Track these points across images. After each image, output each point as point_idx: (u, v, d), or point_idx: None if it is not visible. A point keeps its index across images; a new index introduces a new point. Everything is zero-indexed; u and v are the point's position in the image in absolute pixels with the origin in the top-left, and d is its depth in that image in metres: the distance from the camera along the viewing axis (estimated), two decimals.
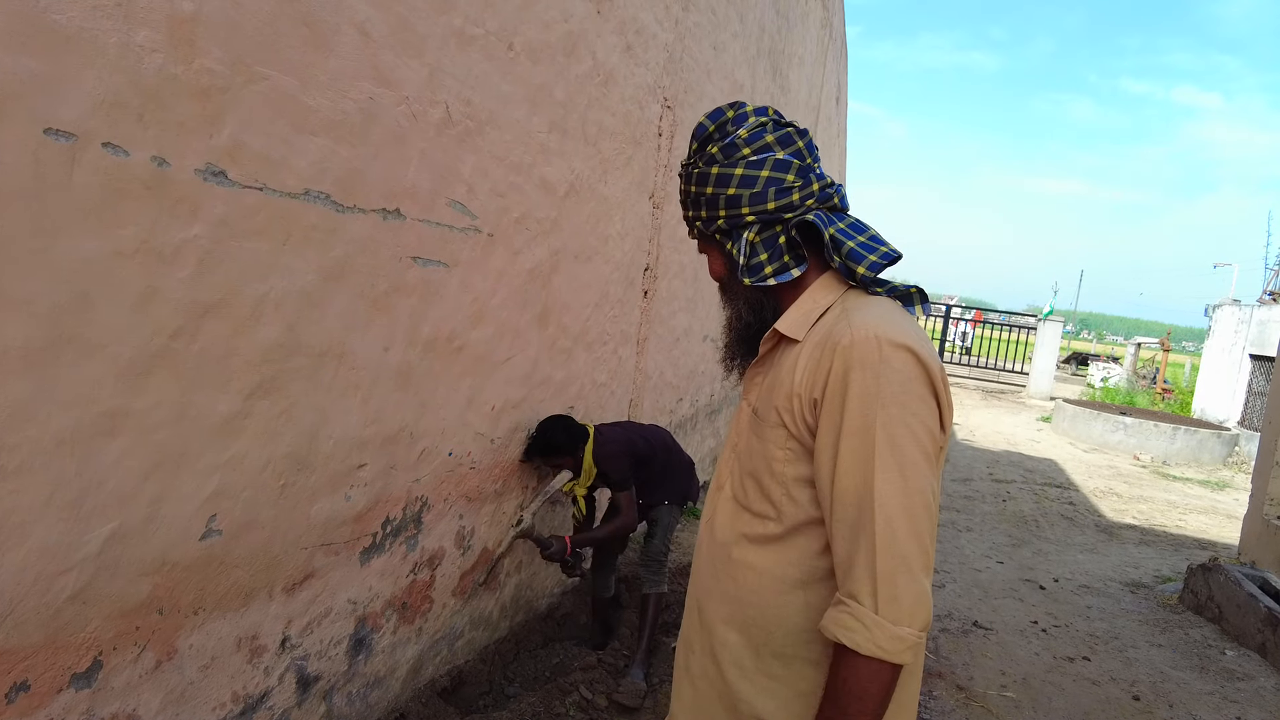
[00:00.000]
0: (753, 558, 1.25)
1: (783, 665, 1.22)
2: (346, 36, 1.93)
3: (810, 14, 7.93)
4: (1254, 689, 3.99)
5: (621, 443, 3.26)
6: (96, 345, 1.46)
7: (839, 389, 1.12)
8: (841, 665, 1.08)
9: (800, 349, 1.22)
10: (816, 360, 1.16)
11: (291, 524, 2.03)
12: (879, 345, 1.11)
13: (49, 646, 1.46)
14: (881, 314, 1.17)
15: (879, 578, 1.06)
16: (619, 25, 3.43)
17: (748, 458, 1.29)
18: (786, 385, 1.20)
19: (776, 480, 1.22)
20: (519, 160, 2.79)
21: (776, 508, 1.22)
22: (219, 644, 1.88)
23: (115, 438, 1.52)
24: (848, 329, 1.14)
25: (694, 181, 1.30)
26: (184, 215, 1.58)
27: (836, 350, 1.13)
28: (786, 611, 1.21)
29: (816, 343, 1.19)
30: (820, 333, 1.21)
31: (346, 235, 2.04)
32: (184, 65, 1.52)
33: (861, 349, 1.11)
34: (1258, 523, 5.29)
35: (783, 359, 1.26)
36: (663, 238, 4.43)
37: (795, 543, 1.21)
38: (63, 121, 1.33)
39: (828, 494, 1.13)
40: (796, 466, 1.20)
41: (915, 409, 1.10)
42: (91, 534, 1.51)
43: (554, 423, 3.18)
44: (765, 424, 1.24)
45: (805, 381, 1.17)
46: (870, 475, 1.08)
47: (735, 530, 1.28)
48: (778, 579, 1.22)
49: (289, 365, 1.92)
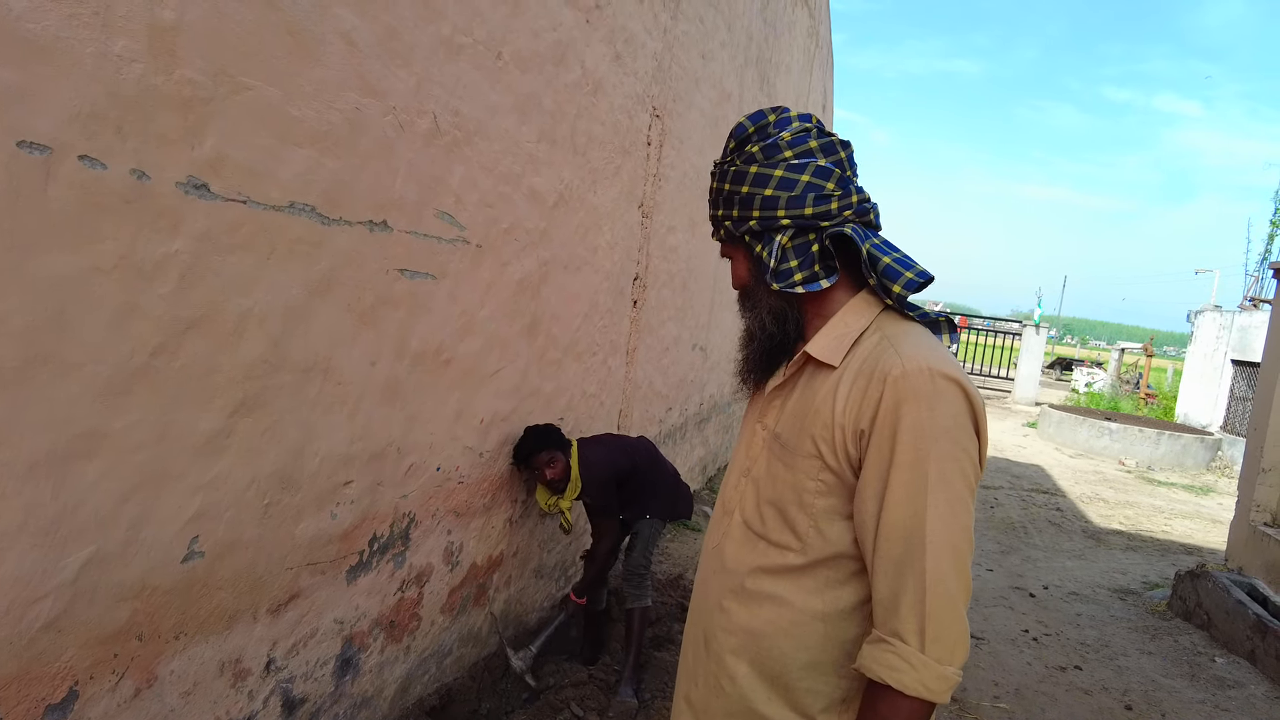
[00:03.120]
0: (770, 588, 1.20)
1: (795, 698, 1.19)
2: (332, 46, 1.89)
3: (797, 22, 7.94)
4: (1245, 697, 4.00)
5: (604, 465, 3.21)
6: (73, 364, 1.41)
7: (889, 421, 1.08)
8: (880, 702, 1.06)
9: (838, 376, 1.17)
10: (863, 390, 1.12)
11: (276, 544, 1.98)
12: (931, 378, 1.08)
13: (21, 678, 1.41)
14: (928, 345, 1.15)
15: (927, 616, 1.03)
16: (608, 34, 3.40)
17: (769, 485, 1.23)
18: (825, 414, 1.15)
19: (805, 511, 1.17)
20: (508, 170, 2.75)
21: (801, 539, 1.18)
22: (201, 669, 1.82)
23: (93, 459, 1.47)
24: (897, 359, 1.11)
25: (729, 179, 1.25)
26: (165, 229, 1.53)
27: (887, 381, 1.10)
28: (806, 643, 1.17)
29: (860, 371, 1.15)
30: (861, 360, 1.16)
31: (332, 248, 1.99)
32: (164, 75, 1.48)
33: (914, 381, 1.08)
34: (1244, 529, 5.31)
35: (814, 384, 1.21)
36: (652, 247, 4.40)
37: (817, 574, 1.17)
38: (37, 134, 1.28)
39: (871, 528, 1.09)
40: (828, 499, 1.16)
41: (964, 444, 1.08)
42: (67, 559, 1.45)
43: (538, 426, 3.15)
44: (795, 453, 1.19)
45: (850, 412, 1.13)
46: (921, 510, 1.05)
47: (749, 560, 1.23)
48: (798, 610, 1.17)
49: (273, 381, 1.88)
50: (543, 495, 3.24)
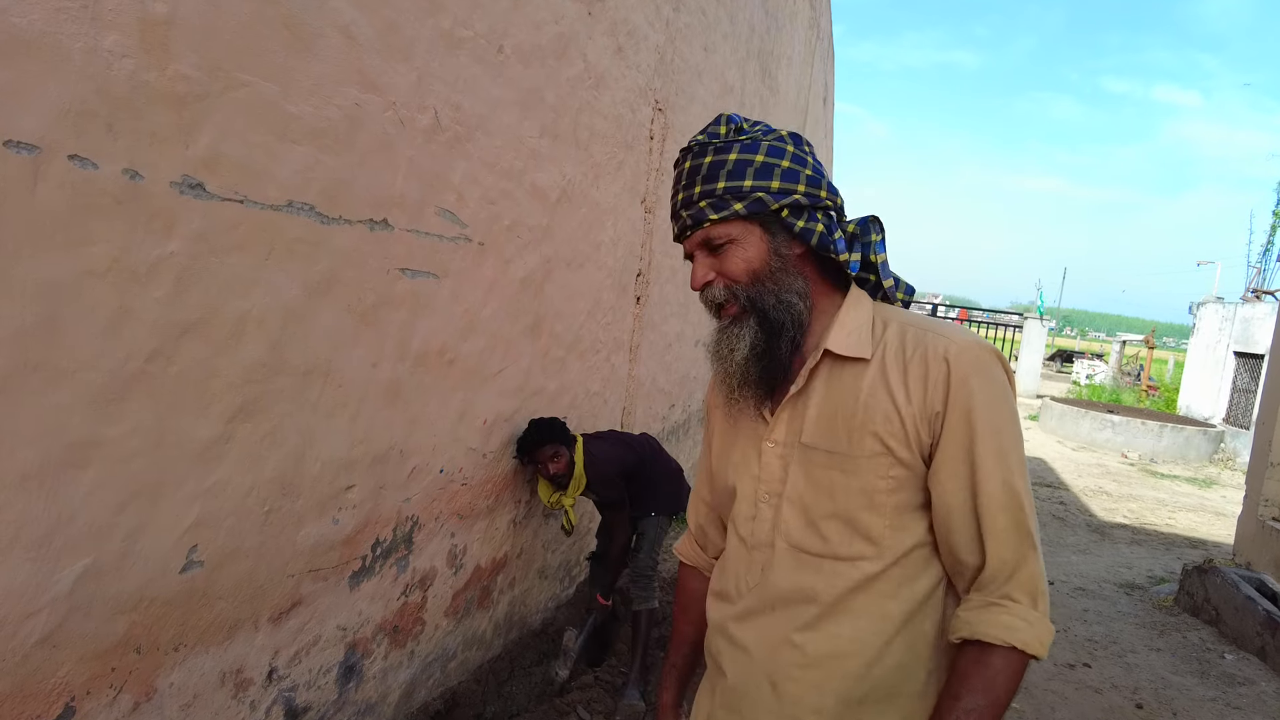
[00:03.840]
0: (846, 604, 1.14)
1: (881, 708, 1.15)
2: (331, 40, 1.84)
3: (798, 14, 7.87)
4: (1256, 694, 3.96)
5: (612, 461, 3.19)
6: (65, 371, 1.36)
7: (962, 396, 1.09)
8: (991, 664, 1.06)
9: (876, 368, 1.15)
10: (923, 375, 1.12)
11: (277, 551, 1.94)
12: (981, 350, 1.12)
13: (16, 695, 1.36)
14: (948, 323, 1.18)
15: (1035, 577, 1.07)
16: (610, 26, 3.34)
17: (824, 499, 1.16)
18: (884, 408, 1.12)
19: (878, 513, 1.13)
20: (510, 166, 2.70)
21: (876, 543, 1.13)
22: (201, 680, 1.78)
23: (87, 469, 1.43)
24: (941, 339, 1.13)
25: (764, 151, 1.16)
26: (159, 230, 1.48)
27: (947, 359, 1.11)
28: (891, 649, 1.13)
29: (899, 359, 1.14)
30: (894, 349, 1.15)
31: (332, 247, 1.94)
32: (157, 71, 1.42)
33: (973, 355, 1.11)
34: (1252, 524, 5.27)
35: (841, 383, 1.17)
36: (655, 242, 4.35)
37: (891, 575, 1.14)
38: (24, 133, 1.23)
39: (968, 503, 1.09)
40: (900, 494, 1.13)
41: (1013, 404, 1.13)
42: (62, 573, 1.41)
43: (543, 420, 3.10)
44: (855, 456, 1.14)
45: (916, 397, 1.11)
46: (1010, 475, 1.08)
47: (818, 586, 1.16)
48: (878, 618, 1.13)
49: (273, 385, 1.83)
50: (545, 490, 3.20)
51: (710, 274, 1.20)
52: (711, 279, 1.20)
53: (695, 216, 1.18)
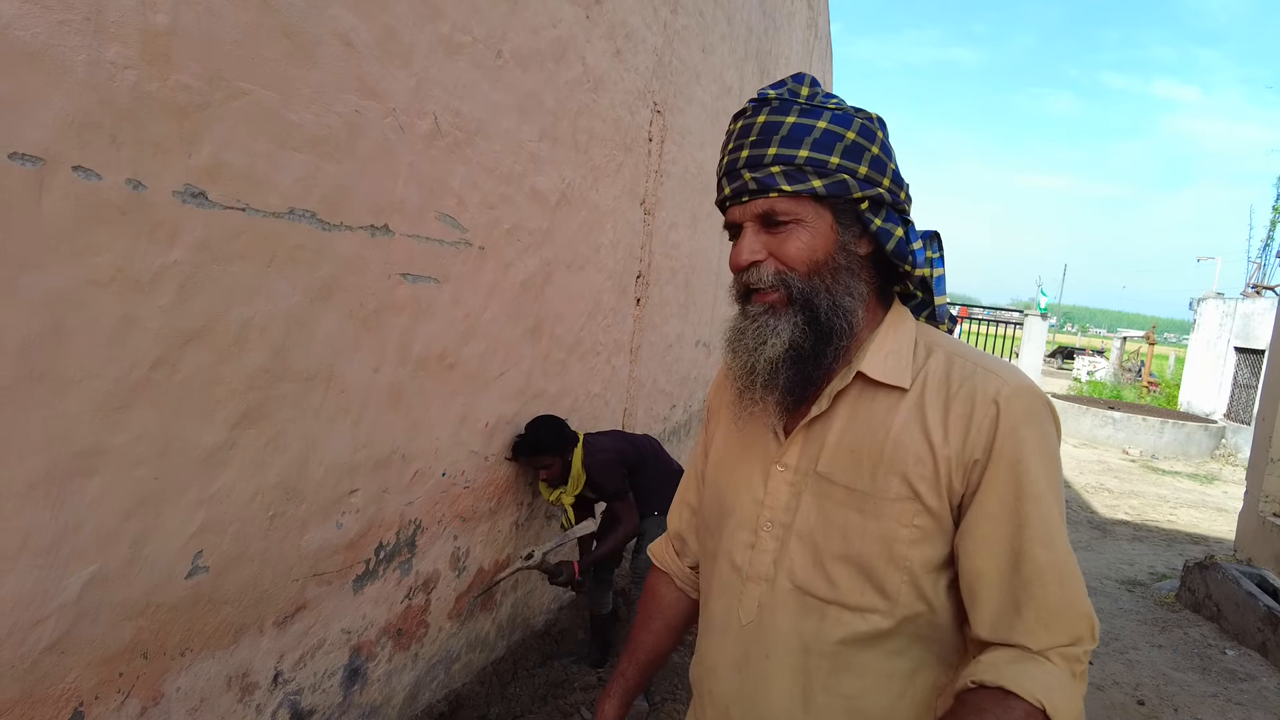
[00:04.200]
0: (850, 659, 1.01)
1: None
2: (330, 48, 1.85)
3: (796, 14, 7.88)
4: (1257, 690, 3.97)
5: (612, 450, 3.20)
6: (71, 380, 1.37)
7: (1011, 447, 0.95)
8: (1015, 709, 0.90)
9: (913, 400, 1.01)
10: (967, 416, 0.97)
11: (282, 555, 1.95)
12: (1035, 398, 0.99)
13: (25, 700, 1.38)
14: (1002, 360, 1.04)
15: (1081, 656, 0.94)
16: (608, 29, 3.36)
17: (837, 539, 1.01)
18: (917, 447, 0.98)
19: (896, 565, 0.98)
20: (509, 170, 2.72)
21: (890, 598, 0.98)
22: (208, 685, 1.79)
23: (93, 476, 1.44)
24: (994, 378, 0.99)
25: (856, 129, 1.01)
26: (162, 240, 1.50)
27: (1000, 403, 0.96)
28: (896, 709, 1.00)
29: (943, 394, 1.00)
30: (937, 380, 1.01)
31: (333, 254, 1.96)
32: (159, 82, 1.44)
33: (1027, 401, 0.97)
34: (1253, 520, 5.28)
35: (872, 412, 1.03)
36: (654, 244, 4.36)
37: (904, 630, 1.00)
38: (29, 145, 1.25)
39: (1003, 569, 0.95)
40: (924, 547, 0.97)
41: (1061, 467, 1.01)
42: (69, 579, 1.42)
43: (544, 421, 3.09)
44: (878, 497, 0.99)
45: (956, 441, 0.97)
46: (1060, 546, 0.95)
47: (821, 633, 1.02)
48: (885, 675, 1.00)
49: (276, 391, 1.84)
50: (545, 488, 3.22)
51: (761, 253, 1.03)
52: (762, 259, 1.03)
53: (762, 181, 1.01)
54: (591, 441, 3.18)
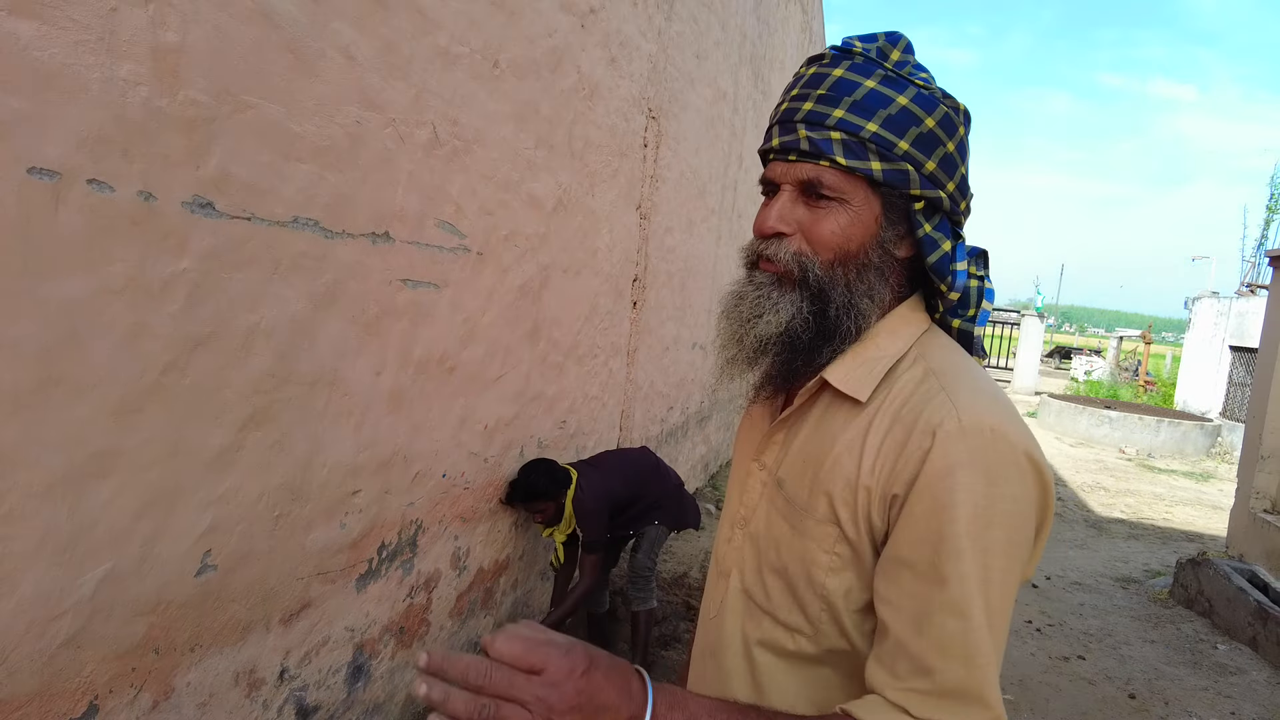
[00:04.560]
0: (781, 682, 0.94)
1: None
2: (332, 61, 1.91)
3: (790, 18, 7.95)
4: (1247, 683, 4.03)
5: (600, 498, 3.14)
6: (87, 385, 1.43)
7: (937, 491, 0.81)
8: None
9: (867, 418, 0.90)
10: (901, 444, 0.85)
11: (287, 555, 2.01)
12: (995, 441, 0.82)
13: (43, 694, 1.43)
14: (989, 390, 0.88)
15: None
16: (603, 38, 3.42)
17: (771, 548, 0.95)
18: (848, 470, 0.88)
19: (815, 591, 0.90)
20: (506, 177, 2.77)
21: (814, 625, 0.91)
22: (217, 680, 1.85)
23: (107, 478, 1.50)
24: (951, 408, 0.84)
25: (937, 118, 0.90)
26: (172, 249, 1.55)
27: (937, 437, 0.82)
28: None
29: (898, 417, 0.87)
30: (900, 401, 0.88)
31: (336, 261, 2.01)
32: (168, 97, 1.49)
33: (976, 443, 0.81)
34: (1244, 516, 5.34)
35: (831, 422, 0.93)
36: (650, 248, 4.42)
37: (832, 663, 0.92)
38: (46, 160, 1.30)
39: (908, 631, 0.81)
40: (842, 577, 0.88)
41: (1023, 536, 0.82)
42: (85, 577, 1.48)
43: (536, 467, 3.10)
44: (806, 514, 0.91)
45: (882, 471, 0.85)
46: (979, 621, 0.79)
47: (754, 635, 0.97)
48: (809, 703, 0.93)
49: (281, 395, 1.90)
50: (539, 525, 3.26)
51: (791, 225, 0.92)
52: (789, 232, 0.92)
53: (817, 145, 0.89)
54: (583, 485, 3.15)
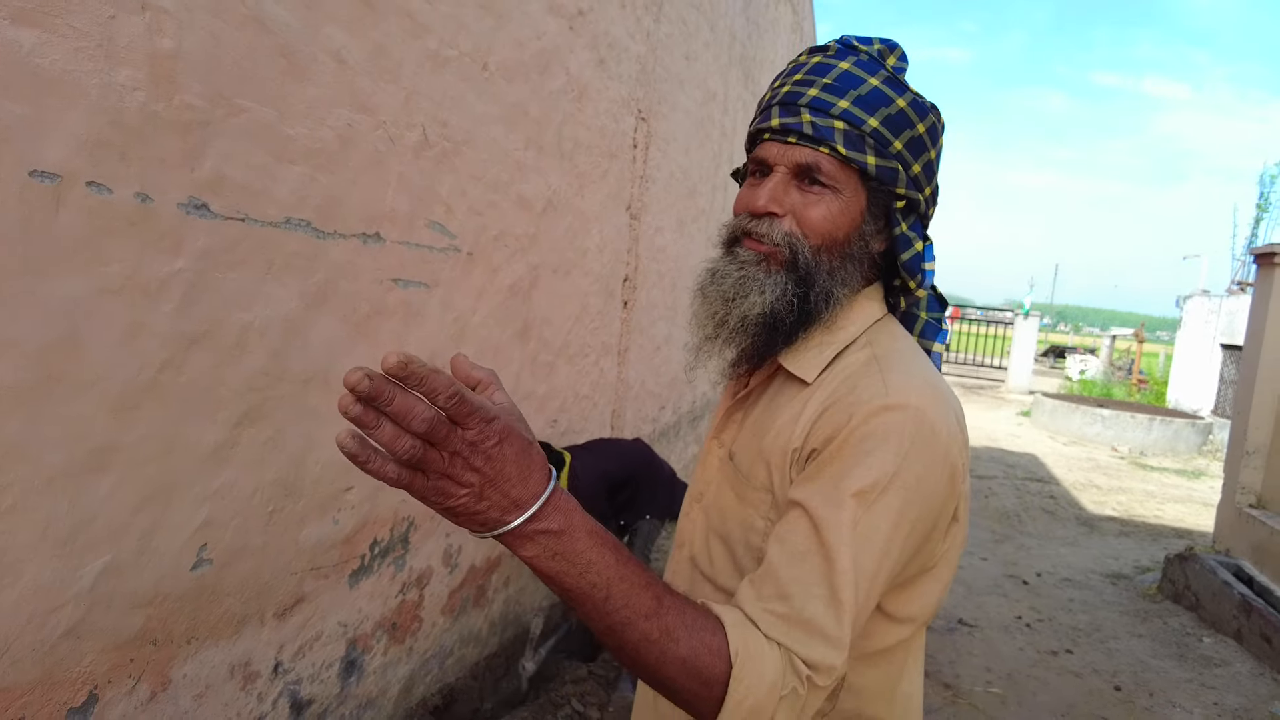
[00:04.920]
0: None
1: None
2: (323, 65, 1.95)
3: (780, 19, 8.01)
4: (1230, 674, 4.09)
5: (597, 477, 3.20)
6: (86, 382, 1.47)
7: (845, 452, 0.86)
8: (707, 632, 0.80)
9: (809, 395, 0.95)
10: (828, 413, 0.90)
11: (281, 550, 2.05)
12: (913, 419, 0.86)
13: (45, 683, 1.47)
14: (923, 375, 0.93)
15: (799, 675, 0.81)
16: (591, 40, 3.46)
17: (719, 517, 1.01)
18: (785, 438, 0.94)
19: (752, 556, 0.95)
20: (496, 178, 2.82)
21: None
22: (212, 672, 1.88)
23: (106, 473, 1.54)
24: (882, 388, 0.89)
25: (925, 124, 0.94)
26: (168, 249, 1.59)
27: (861, 407, 0.88)
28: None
29: (834, 393, 0.93)
30: (840, 379, 0.94)
31: (327, 261, 2.05)
32: (165, 102, 1.54)
33: (894, 417, 0.86)
34: (1230, 511, 5.41)
35: (780, 400, 1.00)
36: (641, 248, 4.47)
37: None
38: (47, 163, 1.34)
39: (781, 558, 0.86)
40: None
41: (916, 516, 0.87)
42: (84, 570, 1.52)
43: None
44: (749, 484, 0.98)
45: (808, 436, 0.91)
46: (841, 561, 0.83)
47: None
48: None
49: (274, 392, 1.94)
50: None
51: (784, 206, 0.95)
52: (781, 213, 0.95)
53: (821, 131, 0.92)
54: (576, 467, 3.21)
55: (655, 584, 0.79)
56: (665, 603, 0.78)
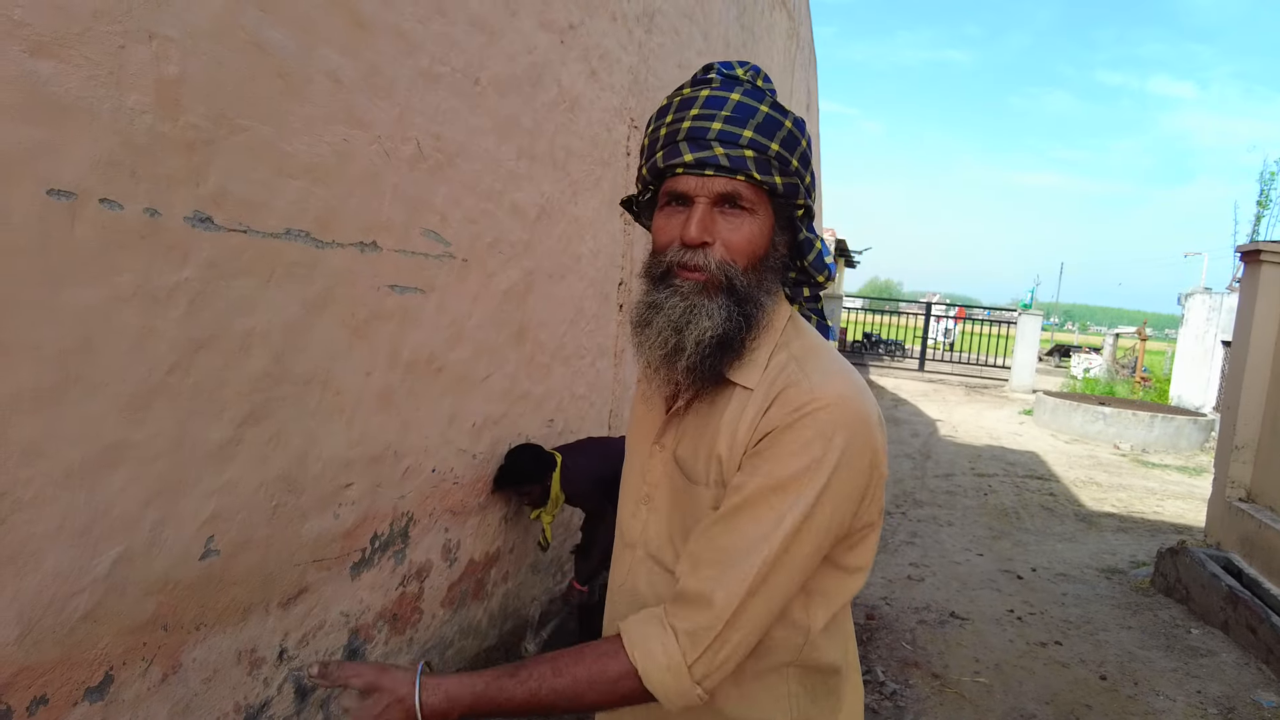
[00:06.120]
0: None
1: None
2: (319, 84, 2.07)
3: (775, 25, 8.12)
4: (1215, 664, 4.16)
5: (588, 477, 3.27)
6: (100, 384, 1.59)
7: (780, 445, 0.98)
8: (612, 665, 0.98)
9: (746, 397, 1.05)
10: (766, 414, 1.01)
11: (284, 542, 2.16)
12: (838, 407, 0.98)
13: (64, 663, 1.59)
14: (838, 368, 1.05)
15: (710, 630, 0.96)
16: (583, 52, 3.58)
17: (675, 515, 1.11)
18: (727, 439, 1.04)
19: None
20: (489, 188, 2.93)
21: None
22: (220, 657, 2.00)
23: (119, 468, 1.65)
24: (807, 384, 1.00)
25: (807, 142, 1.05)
26: (175, 260, 1.71)
27: (788, 406, 0.99)
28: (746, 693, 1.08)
29: (765, 393, 1.03)
30: (769, 382, 1.04)
31: (326, 269, 2.17)
32: (171, 123, 1.65)
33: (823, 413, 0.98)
34: (1220, 505, 5.48)
35: (718, 403, 1.08)
36: (636, 252, 4.57)
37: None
38: (63, 182, 1.46)
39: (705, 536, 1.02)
40: None
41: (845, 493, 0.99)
42: (100, 558, 1.63)
43: (521, 452, 3.25)
44: (696, 482, 1.08)
45: (748, 436, 1.02)
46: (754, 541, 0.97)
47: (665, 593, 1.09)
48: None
49: (277, 393, 2.05)
50: (527, 508, 3.41)
51: (712, 234, 1.02)
52: (710, 241, 1.02)
53: (735, 161, 0.99)
54: (568, 465, 3.28)
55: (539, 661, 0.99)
56: (558, 662, 0.99)
